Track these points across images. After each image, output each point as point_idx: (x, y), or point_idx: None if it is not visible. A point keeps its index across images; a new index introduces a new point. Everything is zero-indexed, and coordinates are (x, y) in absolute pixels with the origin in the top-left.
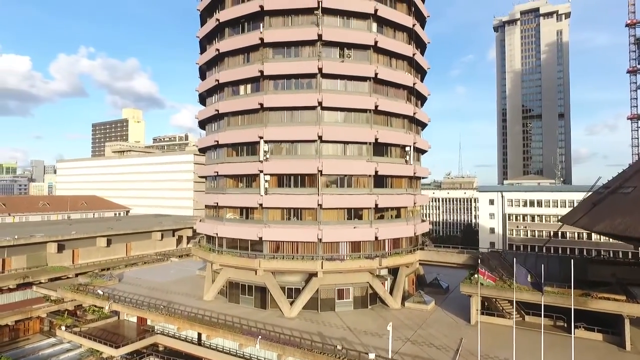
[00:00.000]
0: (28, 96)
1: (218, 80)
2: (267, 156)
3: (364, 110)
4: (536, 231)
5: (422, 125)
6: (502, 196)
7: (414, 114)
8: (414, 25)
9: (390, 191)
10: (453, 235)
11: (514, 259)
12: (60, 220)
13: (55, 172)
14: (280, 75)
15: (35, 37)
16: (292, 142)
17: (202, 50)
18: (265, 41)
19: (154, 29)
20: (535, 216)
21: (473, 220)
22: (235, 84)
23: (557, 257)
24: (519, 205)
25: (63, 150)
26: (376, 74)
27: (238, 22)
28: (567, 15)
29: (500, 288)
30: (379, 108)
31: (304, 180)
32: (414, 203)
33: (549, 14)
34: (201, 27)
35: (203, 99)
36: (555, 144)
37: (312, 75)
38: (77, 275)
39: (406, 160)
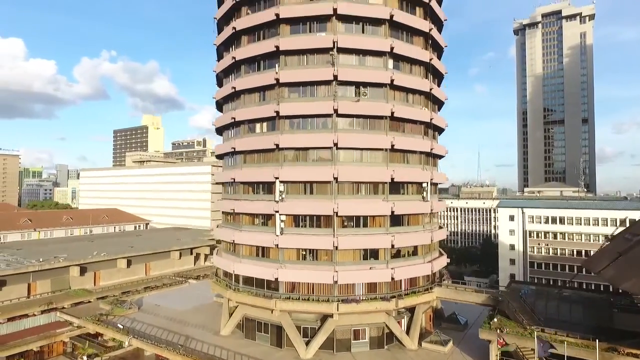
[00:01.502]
0: (53, 99)
1: (234, 118)
2: (283, 196)
3: (380, 149)
4: (558, 249)
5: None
6: (522, 212)
7: (431, 149)
8: (431, 60)
9: (407, 229)
10: (471, 246)
11: (534, 302)
12: (83, 236)
13: (78, 176)
14: (296, 115)
15: (60, 41)
16: (308, 182)
17: (219, 83)
18: (280, 81)
19: (174, 32)
20: (558, 234)
21: (492, 231)
22: (252, 121)
23: (581, 299)
24: (541, 222)
25: (86, 151)
26: (392, 113)
27: (254, 59)
28: (592, 17)
29: (521, 336)
30: (395, 147)
31: (319, 221)
32: (431, 240)
33: (572, 16)
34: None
35: (220, 132)
36: (578, 150)
37: (327, 115)
38: (98, 299)
39: (423, 197)
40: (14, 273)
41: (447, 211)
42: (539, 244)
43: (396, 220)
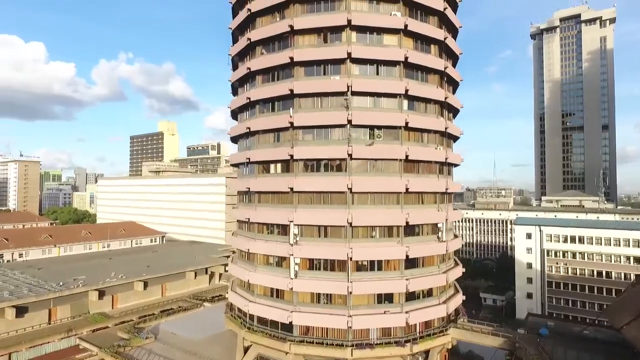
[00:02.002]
0: (72, 101)
1: (249, 159)
2: (297, 239)
3: (395, 193)
4: (577, 269)
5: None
6: (540, 230)
7: (446, 189)
8: (446, 98)
9: (422, 272)
10: (487, 258)
11: (553, 349)
12: (101, 253)
13: (96, 180)
14: (310, 158)
15: (79, 44)
16: (322, 226)
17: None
18: (295, 125)
19: (189, 34)
20: (577, 253)
21: (508, 243)
22: (266, 162)
23: (604, 345)
24: (559, 241)
25: (104, 152)
26: (407, 156)
27: (269, 100)
28: (612, 20)
29: None
30: (410, 190)
31: (333, 265)
32: (447, 280)
33: (591, 20)
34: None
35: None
36: (598, 157)
37: (341, 159)
38: (116, 325)
39: (438, 237)
40: (36, 300)
41: (462, 222)
42: (557, 263)
43: (411, 262)
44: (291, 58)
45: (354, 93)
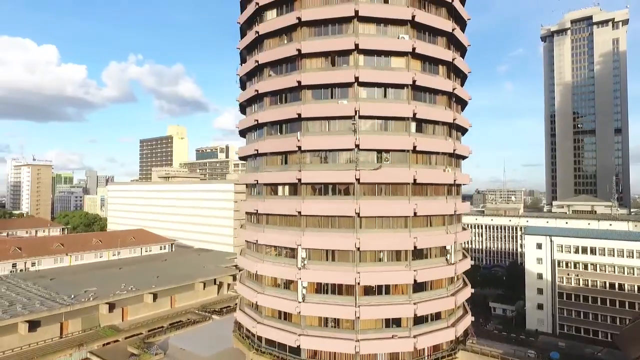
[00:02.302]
0: (84, 103)
1: (257, 180)
2: (305, 262)
3: (403, 217)
4: (589, 280)
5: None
6: (550, 240)
7: (455, 211)
8: (454, 120)
9: (430, 295)
10: (496, 264)
11: None
12: (112, 262)
13: (107, 182)
14: (317, 182)
15: (89, 46)
16: (330, 250)
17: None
18: (303, 149)
19: (200, 35)
20: (589, 264)
21: (518, 249)
22: (274, 185)
23: None
24: (570, 252)
25: (114, 153)
26: (415, 180)
27: (277, 122)
28: (625, 22)
29: None
30: (417, 214)
31: (341, 289)
32: (455, 303)
33: (603, 22)
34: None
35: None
36: (610, 161)
37: (349, 183)
38: (126, 338)
39: (447, 260)
40: (48, 315)
41: (471, 227)
42: (568, 274)
43: (419, 285)
44: (299, 82)
45: (361, 117)
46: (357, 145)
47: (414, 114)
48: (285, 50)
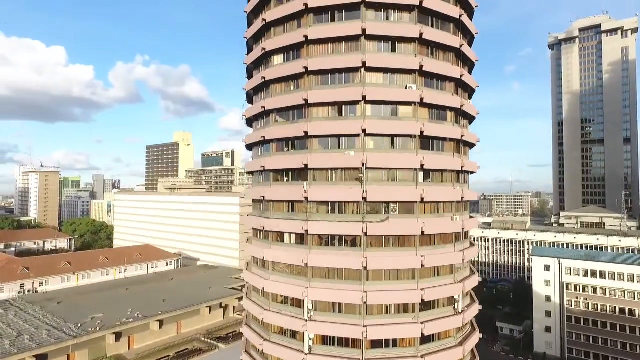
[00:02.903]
0: (91, 103)
1: (264, 227)
2: (311, 314)
3: (410, 269)
4: (599, 305)
5: (470, 145)
6: (558, 263)
7: (463, 259)
8: (462, 167)
9: (438, 345)
10: (503, 279)
11: None
12: (118, 282)
13: (113, 186)
14: (324, 234)
15: (97, 47)
16: (337, 303)
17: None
18: (309, 199)
19: (204, 36)
20: (598, 288)
21: (525, 264)
22: (281, 233)
23: None
24: (579, 275)
25: (121, 153)
26: (423, 232)
27: (283, 170)
28: (634, 30)
29: None
30: (425, 266)
31: (348, 342)
32: (463, 354)
33: (612, 31)
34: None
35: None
36: (620, 171)
37: (356, 236)
38: None
39: (454, 309)
40: (55, 349)
41: (478, 241)
42: (577, 298)
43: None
44: (306, 132)
45: (368, 168)
46: (364, 199)
47: (422, 165)
48: (292, 98)
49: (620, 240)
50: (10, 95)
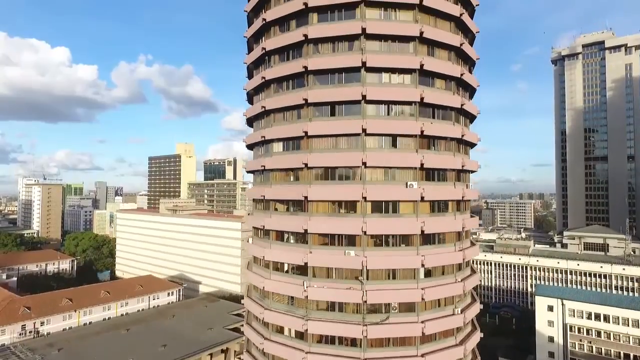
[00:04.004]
0: (94, 104)
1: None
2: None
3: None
4: (603, 349)
5: (471, 144)
6: (562, 304)
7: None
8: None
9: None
10: (505, 304)
11: None
12: (119, 321)
13: (116, 193)
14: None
15: (100, 48)
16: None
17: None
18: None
19: (209, 36)
20: (602, 332)
21: (528, 289)
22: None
23: None
24: (582, 317)
25: (123, 153)
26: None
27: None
28: (638, 47)
29: None
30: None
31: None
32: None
33: (616, 48)
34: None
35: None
36: (623, 188)
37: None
38: None
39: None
40: None
41: (480, 264)
42: (580, 340)
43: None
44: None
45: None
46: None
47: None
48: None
49: (624, 269)
50: (14, 96)
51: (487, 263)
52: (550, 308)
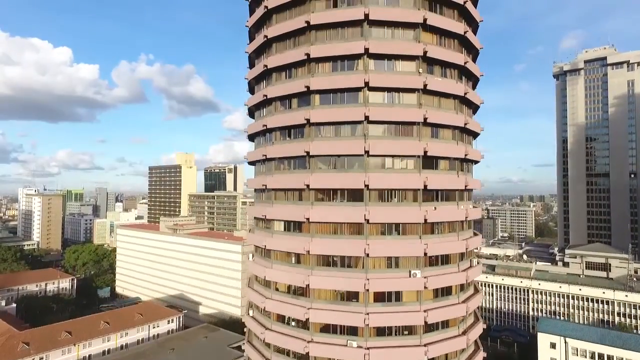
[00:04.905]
0: (95, 103)
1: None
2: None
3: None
4: None
5: (474, 134)
6: (565, 342)
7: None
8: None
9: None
10: (505, 327)
11: None
12: (119, 356)
13: (116, 199)
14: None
15: (102, 47)
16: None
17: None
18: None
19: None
20: None
21: (530, 313)
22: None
23: None
24: (586, 357)
25: (124, 153)
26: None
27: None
28: None
29: None
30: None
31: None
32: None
33: (618, 64)
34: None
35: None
36: (626, 205)
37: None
38: None
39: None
40: None
41: (482, 286)
42: None
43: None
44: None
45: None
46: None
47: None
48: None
49: (627, 296)
50: (15, 95)
51: (489, 285)
52: (553, 345)
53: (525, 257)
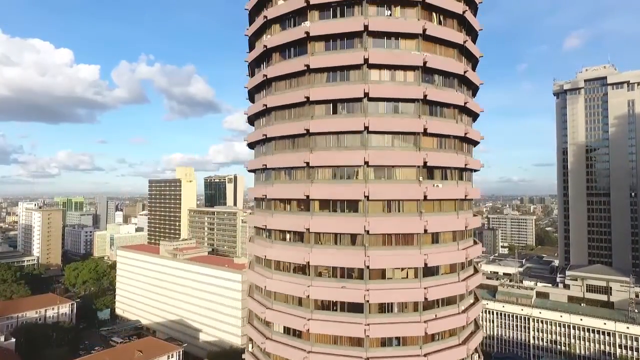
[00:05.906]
0: (95, 104)
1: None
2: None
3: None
4: None
5: (474, 143)
6: None
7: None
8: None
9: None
10: (506, 354)
11: None
12: None
13: (116, 209)
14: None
15: (101, 47)
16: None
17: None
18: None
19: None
20: None
21: (531, 341)
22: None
23: None
24: None
25: (125, 153)
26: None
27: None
28: None
29: None
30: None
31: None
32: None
33: (618, 84)
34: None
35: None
36: (626, 225)
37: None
38: None
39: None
40: None
41: (482, 312)
42: None
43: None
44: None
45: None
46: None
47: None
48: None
49: (628, 328)
50: (15, 97)
51: (489, 312)
52: None
53: (524, 281)
